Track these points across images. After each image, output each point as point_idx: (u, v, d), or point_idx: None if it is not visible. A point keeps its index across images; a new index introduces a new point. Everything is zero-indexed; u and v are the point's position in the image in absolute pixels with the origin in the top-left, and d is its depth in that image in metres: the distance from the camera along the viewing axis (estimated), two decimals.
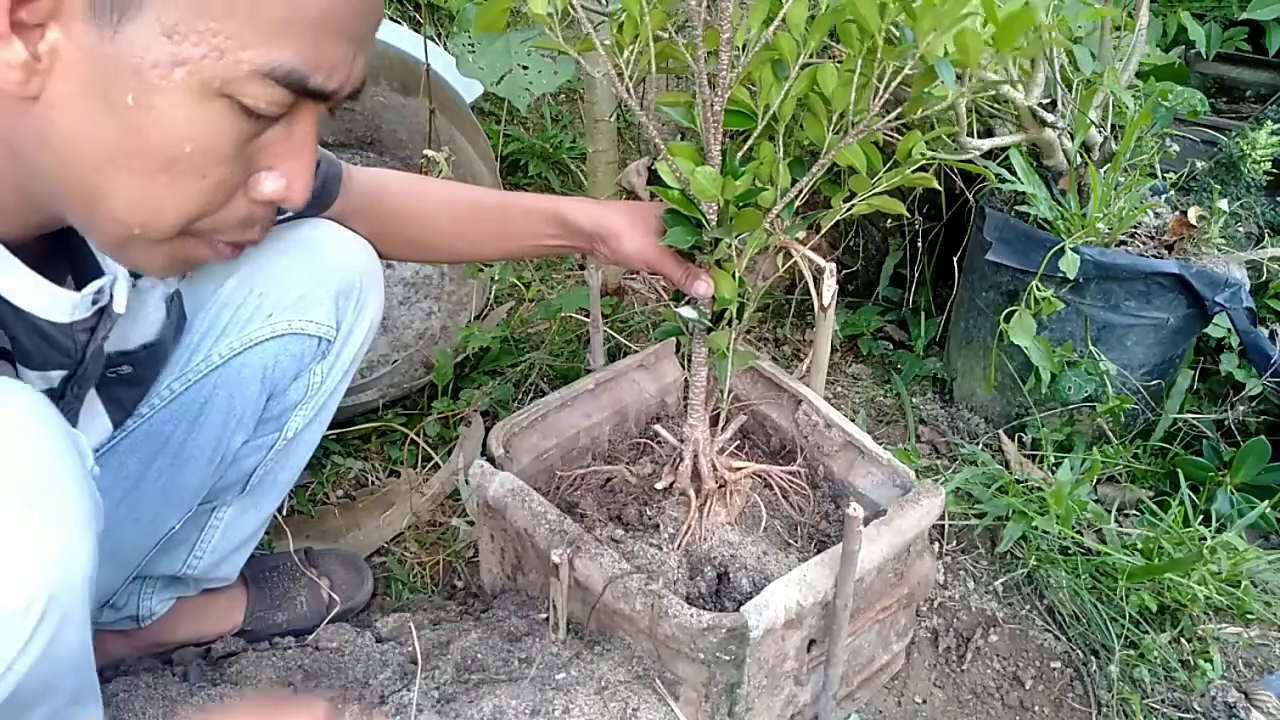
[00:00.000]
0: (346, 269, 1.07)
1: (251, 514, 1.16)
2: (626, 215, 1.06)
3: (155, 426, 1.00)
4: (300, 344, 1.05)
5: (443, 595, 1.38)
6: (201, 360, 1.01)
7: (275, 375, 1.05)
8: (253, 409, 1.05)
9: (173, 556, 1.12)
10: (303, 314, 1.04)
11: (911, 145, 0.96)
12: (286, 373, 1.06)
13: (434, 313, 1.62)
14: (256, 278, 1.03)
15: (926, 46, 0.82)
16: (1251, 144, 1.66)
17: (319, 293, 1.05)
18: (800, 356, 1.91)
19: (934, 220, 1.93)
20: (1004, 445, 1.66)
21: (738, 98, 0.96)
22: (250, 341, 1.02)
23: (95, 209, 0.65)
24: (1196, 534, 1.41)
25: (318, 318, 1.05)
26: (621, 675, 1.03)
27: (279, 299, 1.03)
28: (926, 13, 0.81)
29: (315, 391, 1.10)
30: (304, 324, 1.04)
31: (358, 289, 1.08)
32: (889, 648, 1.22)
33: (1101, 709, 1.25)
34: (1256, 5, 2.16)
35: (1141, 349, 1.58)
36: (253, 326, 1.03)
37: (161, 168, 0.62)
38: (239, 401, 1.03)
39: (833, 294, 1.12)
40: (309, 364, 1.07)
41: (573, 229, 1.08)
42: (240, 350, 1.02)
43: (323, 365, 1.09)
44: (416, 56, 1.44)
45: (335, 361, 1.11)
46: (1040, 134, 1.55)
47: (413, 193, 1.12)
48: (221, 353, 1.02)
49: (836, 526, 1.21)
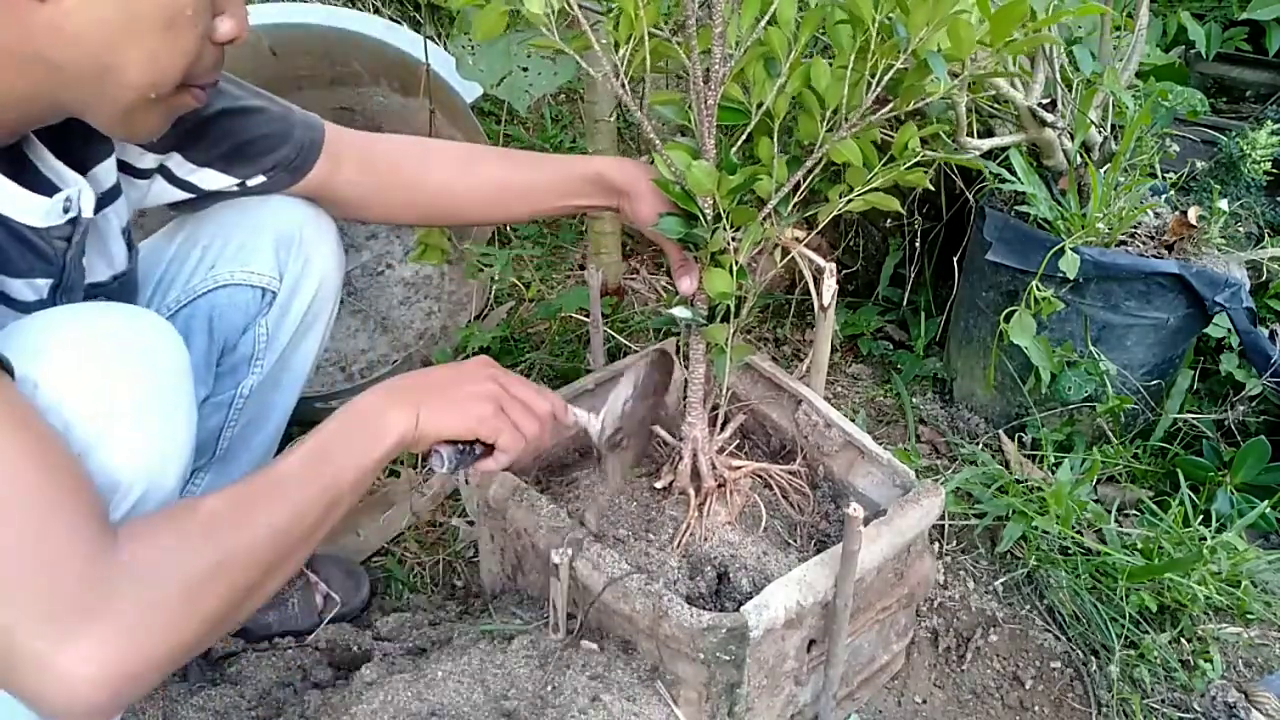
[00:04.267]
0: (285, 219, 1.09)
1: (226, 480, 1.16)
2: (653, 179, 1.06)
3: None
4: (244, 294, 1.07)
5: (443, 595, 1.38)
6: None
7: (222, 326, 1.07)
8: (204, 361, 1.07)
9: None
10: (244, 264, 1.07)
11: (907, 139, 0.96)
12: (233, 324, 1.08)
13: (434, 312, 1.62)
14: (199, 233, 1.07)
15: (920, 41, 0.83)
16: (1251, 144, 1.66)
17: (258, 241, 1.07)
18: (800, 356, 1.91)
19: (934, 220, 1.93)
20: (1004, 445, 1.66)
21: (731, 94, 0.96)
22: (194, 293, 1.06)
23: (106, 85, 0.74)
24: (1196, 534, 1.40)
25: (259, 268, 1.07)
26: (621, 675, 1.03)
27: (220, 250, 1.06)
28: (919, 8, 0.81)
29: (266, 346, 1.11)
30: (245, 274, 1.07)
31: (298, 238, 1.09)
32: (889, 648, 1.22)
33: (1101, 709, 1.25)
34: (1256, 5, 2.16)
35: (1141, 349, 1.58)
36: (196, 278, 1.06)
37: (165, 27, 0.73)
38: (191, 355, 1.04)
39: (833, 294, 1.13)
40: (255, 316, 1.09)
41: (608, 187, 1.10)
42: (185, 302, 1.06)
43: (269, 318, 1.10)
44: (416, 57, 1.44)
45: (284, 316, 1.12)
46: (1040, 134, 1.55)
47: (425, 157, 1.14)
48: (169, 304, 1.05)
49: (836, 526, 1.21)
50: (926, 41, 0.83)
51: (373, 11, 2.11)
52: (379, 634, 1.24)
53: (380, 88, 1.42)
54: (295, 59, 1.36)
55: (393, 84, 1.44)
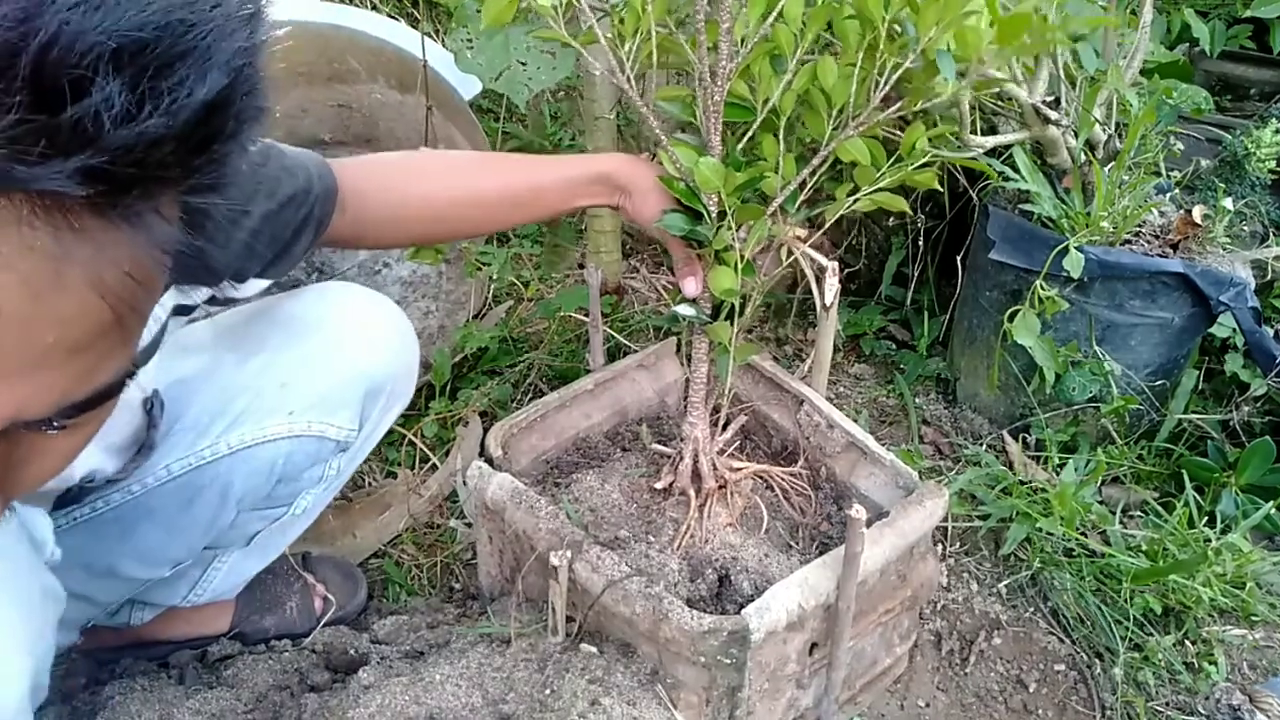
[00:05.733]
0: (378, 370, 1.02)
1: (255, 560, 1.16)
2: (657, 176, 1.04)
3: (145, 502, 0.96)
4: (318, 444, 1.00)
5: (440, 597, 1.37)
6: (208, 446, 0.96)
7: (286, 468, 1.00)
8: (255, 494, 1.01)
9: (173, 590, 1.12)
10: (325, 416, 0.99)
11: (915, 139, 0.95)
12: (299, 466, 1.02)
13: (432, 312, 1.61)
14: (280, 367, 0.98)
15: (929, 41, 0.82)
16: (1256, 142, 1.65)
17: (345, 394, 1.00)
18: (802, 356, 1.90)
19: (937, 219, 1.92)
20: (1008, 446, 1.65)
21: (737, 91, 0.95)
22: (265, 437, 0.97)
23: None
24: (1201, 535, 1.39)
25: (341, 421, 1.00)
26: (621, 679, 1.02)
27: (301, 395, 0.98)
28: (929, 7, 0.80)
29: (330, 479, 1.07)
30: (324, 427, 0.99)
31: (388, 390, 1.04)
32: (892, 650, 1.21)
33: (1106, 712, 1.24)
34: (1261, 3, 2.15)
35: (1146, 349, 1.57)
36: (270, 421, 0.97)
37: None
38: (241, 488, 0.99)
39: (835, 293, 1.11)
40: (325, 459, 1.03)
41: (611, 185, 1.05)
42: (252, 444, 0.97)
43: (341, 459, 1.06)
44: (414, 53, 1.43)
45: (355, 455, 1.07)
46: (1044, 132, 1.54)
47: (426, 194, 1.03)
48: (231, 443, 0.96)
49: (838, 528, 1.20)
50: (935, 41, 0.82)
51: (370, 8, 2.10)
52: (376, 637, 1.23)
53: (378, 84, 1.41)
54: (293, 56, 1.35)
55: (390, 81, 1.43)
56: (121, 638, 1.18)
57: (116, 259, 0.42)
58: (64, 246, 0.40)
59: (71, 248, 0.40)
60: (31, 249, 0.39)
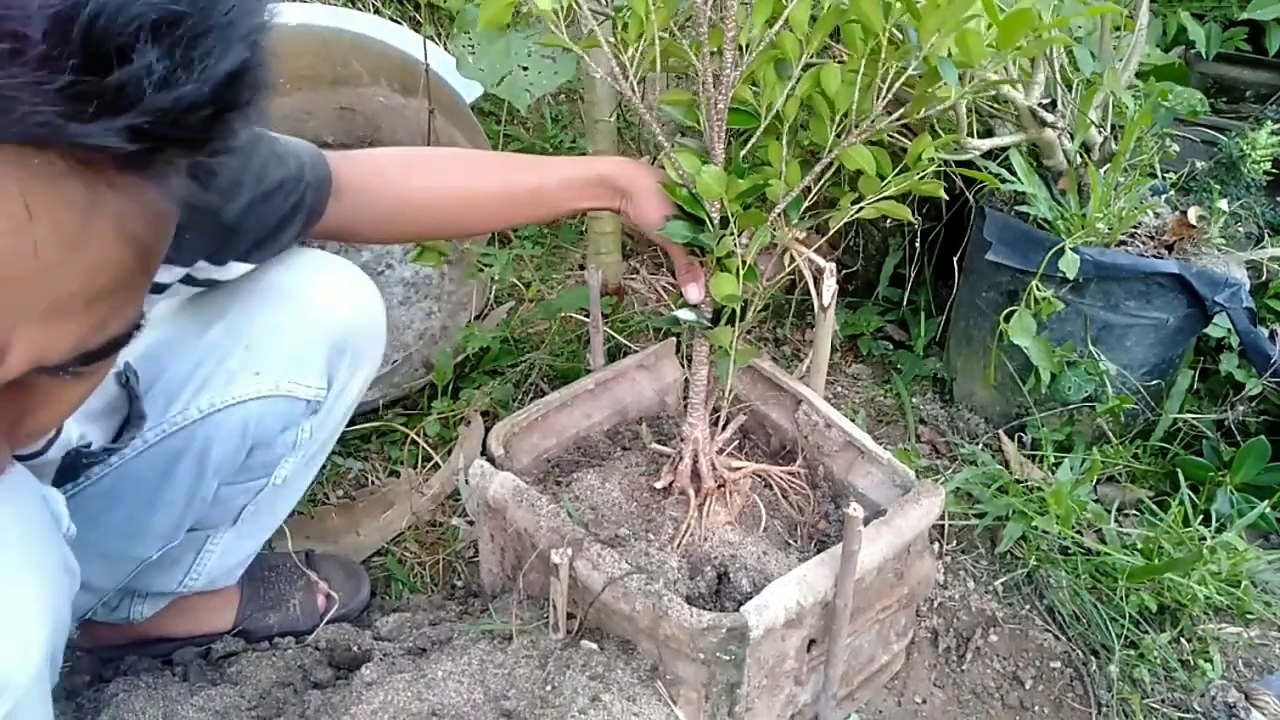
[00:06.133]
0: (342, 326, 1.02)
1: (248, 540, 1.16)
2: (660, 182, 1.04)
3: (127, 471, 0.97)
4: (288, 404, 1.00)
5: (443, 595, 1.38)
6: (179, 411, 0.97)
7: (259, 431, 1.00)
8: (231, 460, 1.01)
9: (168, 575, 1.12)
10: (292, 375, 0.99)
11: (921, 150, 0.96)
12: (271, 429, 1.01)
13: (434, 313, 1.62)
14: (244, 328, 0.98)
15: (930, 47, 0.83)
16: (1251, 144, 1.66)
17: (311, 352, 1.00)
18: (800, 356, 1.91)
19: (934, 220, 1.93)
20: (1004, 445, 1.66)
21: (741, 96, 0.96)
22: (234, 399, 0.97)
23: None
24: (1196, 534, 1.40)
25: (308, 380, 1.00)
26: (621, 675, 1.03)
27: (267, 356, 0.98)
28: (930, 14, 0.81)
29: (305, 444, 1.07)
30: (292, 385, 0.99)
31: (353, 346, 1.04)
32: (889, 648, 1.22)
33: (1101, 709, 1.25)
34: (1256, 5, 2.16)
35: (1141, 349, 1.58)
36: (238, 383, 0.97)
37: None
38: (217, 454, 0.99)
39: (833, 294, 1.12)
40: (297, 421, 1.04)
41: (611, 188, 1.05)
42: (222, 407, 0.97)
43: (313, 421, 1.05)
44: (416, 57, 1.44)
45: (327, 417, 1.07)
46: (1040, 134, 1.55)
47: (429, 189, 1.04)
48: (201, 406, 0.97)
49: (836, 526, 1.21)
50: (937, 47, 0.83)
51: (373, 11, 2.11)
52: (379, 634, 1.24)
53: (380, 87, 1.42)
54: (295, 59, 1.36)
55: (393, 84, 1.44)
56: (125, 635, 1.18)
57: (142, 212, 0.47)
58: (96, 198, 0.44)
59: (103, 200, 0.45)
60: (68, 202, 0.43)
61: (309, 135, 1.36)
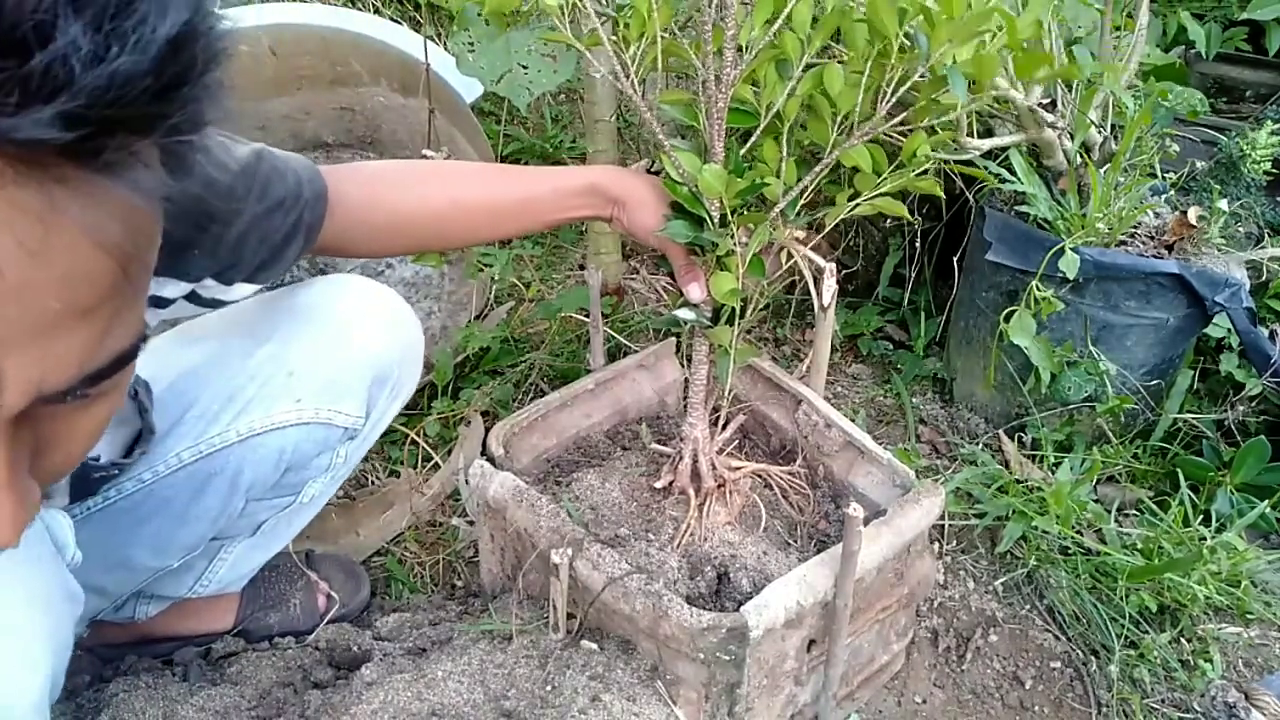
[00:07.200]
0: (384, 356, 1.02)
1: (260, 551, 1.17)
2: (652, 189, 1.04)
3: (158, 490, 0.97)
4: (325, 431, 1.01)
5: (443, 595, 1.38)
6: (217, 434, 0.97)
7: (295, 456, 1.01)
8: (264, 482, 1.01)
9: (180, 581, 1.13)
10: (332, 403, 1.00)
11: (916, 147, 0.96)
12: (308, 454, 1.02)
13: (434, 312, 1.62)
14: (289, 354, 0.98)
15: (940, 56, 0.82)
16: (1251, 144, 1.66)
17: (352, 382, 1.00)
18: (800, 356, 1.91)
19: (934, 220, 1.93)
20: (1004, 445, 1.66)
21: (741, 96, 0.96)
22: (273, 425, 0.98)
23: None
24: (1196, 534, 1.40)
25: (348, 409, 1.01)
26: (621, 675, 1.03)
27: (309, 383, 0.98)
28: (944, 24, 0.81)
29: (338, 468, 1.07)
30: (332, 414, 1.00)
31: (394, 378, 1.04)
32: (889, 648, 1.22)
33: (1101, 709, 1.25)
34: (1256, 5, 2.16)
35: (1141, 349, 1.58)
36: (278, 408, 0.97)
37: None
38: (251, 476, 1.00)
39: (833, 294, 1.12)
40: (333, 446, 1.04)
41: (603, 197, 1.05)
42: (261, 431, 0.97)
43: (348, 446, 1.06)
44: (416, 56, 1.44)
45: (363, 444, 1.08)
46: (1040, 134, 1.55)
47: (413, 205, 1.03)
48: (240, 430, 0.97)
49: (836, 526, 1.21)
50: (946, 56, 0.83)
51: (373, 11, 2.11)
52: (379, 634, 1.24)
53: (380, 87, 1.42)
54: (295, 59, 1.36)
55: (393, 84, 1.44)
56: (126, 634, 1.19)
57: (109, 210, 0.42)
58: (53, 202, 0.39)
59: (61, 202, 0.40)
60: (19, 207, 0.39)
61: (308, 135, 1.36)
